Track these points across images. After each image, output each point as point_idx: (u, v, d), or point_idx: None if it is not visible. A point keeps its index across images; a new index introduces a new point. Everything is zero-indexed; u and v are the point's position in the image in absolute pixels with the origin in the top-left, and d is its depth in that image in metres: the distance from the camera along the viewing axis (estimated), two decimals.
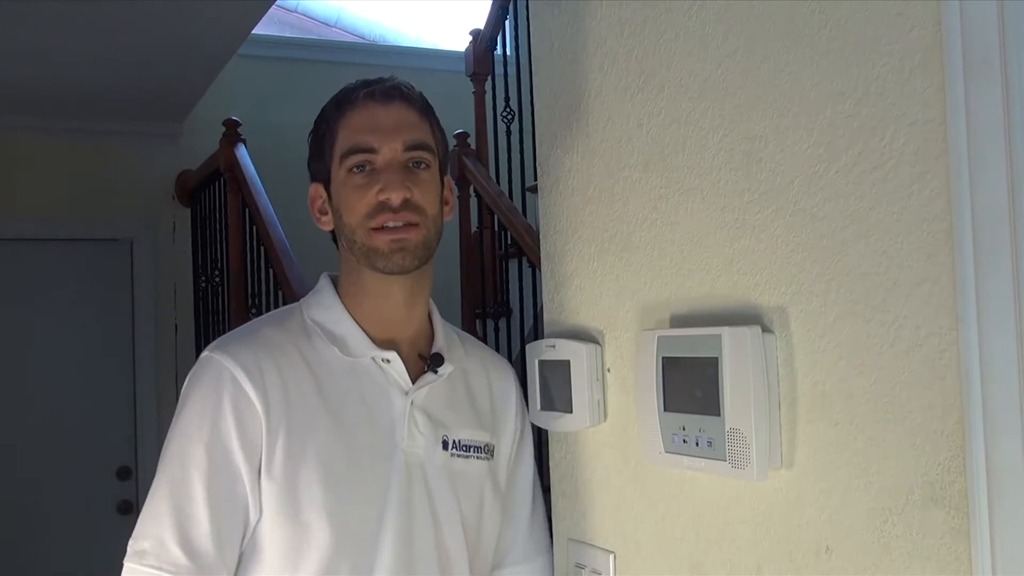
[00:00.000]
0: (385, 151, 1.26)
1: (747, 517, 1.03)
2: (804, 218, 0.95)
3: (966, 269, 0.78)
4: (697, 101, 1.09)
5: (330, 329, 1.30)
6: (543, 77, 1.39)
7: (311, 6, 5.62)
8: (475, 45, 4.09)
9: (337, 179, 1.29)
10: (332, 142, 1.29)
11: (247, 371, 1.23)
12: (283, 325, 1.32)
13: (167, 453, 1.24)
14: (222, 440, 1.21)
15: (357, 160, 1.26)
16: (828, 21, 0.92)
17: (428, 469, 1.29)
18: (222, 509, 1.21)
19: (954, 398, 0.80)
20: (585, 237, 1.30)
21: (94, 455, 4.31)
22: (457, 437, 1.33)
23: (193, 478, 1.21)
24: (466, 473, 1.33)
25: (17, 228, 4.29)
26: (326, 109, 1.32)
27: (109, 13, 3.14)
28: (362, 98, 1.29)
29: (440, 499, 1.29)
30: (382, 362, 1.29)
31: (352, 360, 1.29)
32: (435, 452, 1.30)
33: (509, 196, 3.84)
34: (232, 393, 1.22)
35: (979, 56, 0.76)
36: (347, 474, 1.24)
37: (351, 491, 1.24)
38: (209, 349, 1.28)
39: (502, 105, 3.96)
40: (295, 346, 1.28)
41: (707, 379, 1.01)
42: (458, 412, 1.35)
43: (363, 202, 1.25)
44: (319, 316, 1.32)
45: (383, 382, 1.29)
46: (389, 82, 1.31)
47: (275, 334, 1.29)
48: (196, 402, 1.24)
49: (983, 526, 0.77)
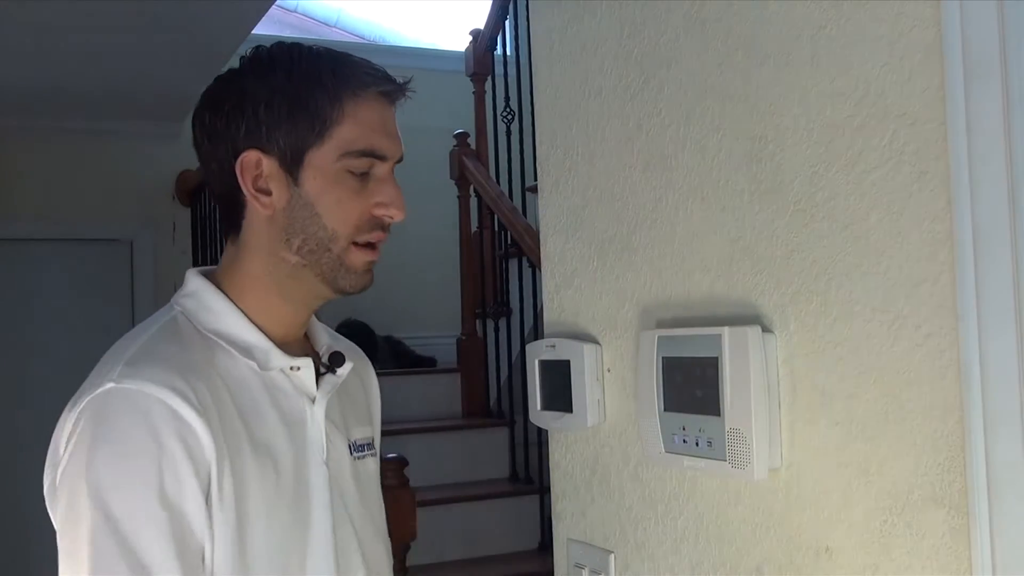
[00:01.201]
0: (391, 163, 1.11)
1: (747, 517, 1.03)
2: (804, 218, 0.95)
3: (966, 269, 0.78)
4: (697, 101, 1.09)
5: (235, 338, 1.10)
6: (543, 77, 1.39)
7: (311, 6, 5.63)
8: (475, 45, 4.09)
9: (323, 170, 1.07)
10: (330, 125, 1.07)
11: (182, 395, 1.00)
12: (178, 338, 1.08)
13: (98, 515, 0.96)
14: (176, 489, 0.99)
15: (365, 164, 1.08)
16: (828, 21, 0.92)
17: (343, 480, 1.17)
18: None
19: (954, 398, 0.81)
20: (585, 237, 1.30)
21: None
22: (355, 438, 1.22)
23: (157, 545, 0.97)
24: (366, 473, 1.23)
25: (17, 228, 4.29)
26: (323, 77, 1.08)
27: (109, 13, 3.14)
28: (379, 91, 1.11)
29: (353, 506, 1.18)
30: (291, 370, 1.12)
31: (263, 373, 1.10)
32: (347, 460, 1.19)
33: (509, 196, 3.84)
34: (171, 427, 0.99)
35: (979, 56, 0.76)
36: (281, 499, 1.08)
37: (287, 515, 1.09)
38: (113, 380, 1.01)
39: (502, 105, 3.96)
40: (206, 362, 1.07)
41: (707, 379, 1.01)
42: (349, 411, 1.23)
43: (356, 210, 1.08)
44: (212, 323, 1.10)
45: (291, 391, 1.12)
46: (399, 80, 1.13)
47: (179, 351, 1.06)
48: (122, 444, 0.99)
49: (983, 526, 0.77)
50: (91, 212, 4.40)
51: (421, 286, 4.95)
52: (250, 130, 1.08)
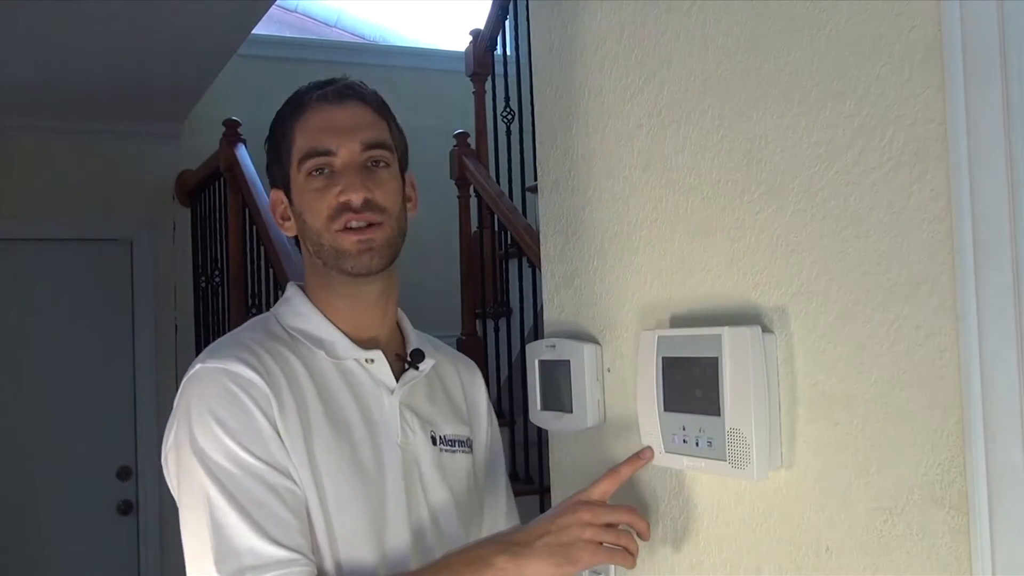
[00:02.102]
0: (343, 152, 1.25)
1: (747, 517, 1.03)
2: (804, 218, 0.95)
3: (966, 269, 0.78)
4: (697, 101, 1.09)
5: (312, 334, 1.28)
6: (543, 77, 1.39)
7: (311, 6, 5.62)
8: (475, 45, 4.08)
9: (297, 183, 1.27)
10: (289, 147, 1.28)
11: (249, 365, 1.20)
12: (266, 332, 1.28)
13: (204, 469, 1.15)
14: (258, 431, 1.17)
15: (315, 164, 1.25)
16: (828, 21, 0.92)
17: (422, 465, 1.30)
18: (292, 499, 1.16)
19: (954, 398, 0.81)
20: (585, 237, 1.30)
21: (94, 455, 4.31)
22: (443, 432, 1.34)
23: (249, 481, 1.14)
24: (454, 467, 1.34)
25: (17, 228, 4.29)
26: (281, 114, 1.31)
27: (109, 13, 3.14)
28: (315, 100, 1.28)
29: (433, 493, 1.30)
30: (366, 362, 1.28)
31: (337, 362, 1.27)
32: (427, 448, 1.31)
33: (509, 196, 3.84)
34: (242, 387, 1.18)
35: (979, 56, 0.76)
36: (352, 473, 1.23)
37: (359, 489, 1.23)
38: (199, 361, 1.22)
39: (502, 105, 3.96)
40: (285, 352, 1.25)
41: (707, 379, 1.01)
42: (439, 408, 1.35)
43: (324, 204, 1.24)
44: (296, 323, 1.29)
45: (369, 382, 1.28)
46: (341, 82, 1.30)
47: (262, 339, 1.26)
48: (210, 410, 1.17)
49: (983, 526, 0.77)
50: (91, 212, 4.39)
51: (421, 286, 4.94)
52: (269, 177, 1.35)
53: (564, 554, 1.08)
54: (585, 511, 1.09)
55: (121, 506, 4.34)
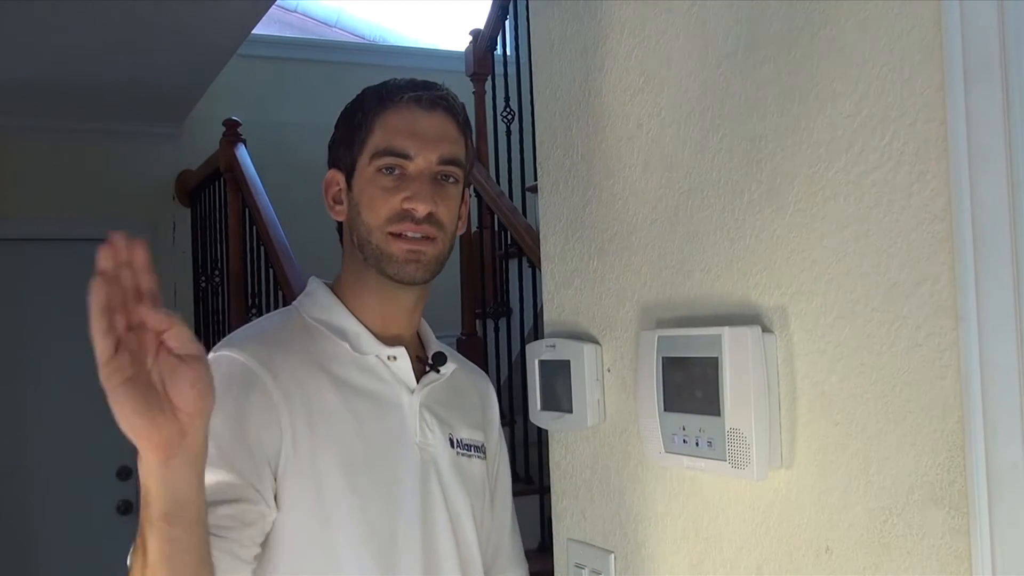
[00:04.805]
0: (420, 160, 1.25)
1: (747, 517, 1.03)
2: (804, 218, 0.95)
3: (966, 269, 0.78)
4: (697, 101, 1.09)
5: (335, 325, 1.28)
6: (543, 77, 1.39)
7: (311, 6, 5.62)
8: (475, 45, 4.09)
9: (363, 174, 1.26)
10: (366, 135, 1.26)
11: (263, 364, 1.20)
12: (287, 323, 1.30)
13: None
14: (245, 429, 1.16)
15: (389, 162, 1.24)
16: (828, 21, 0.92)
17: (440, 465, 1.30)
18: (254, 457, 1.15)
19: (954, 398, 0.80)
20: (585, 237, 1.30)
21: (94, 455, 4.31)
22: (460, 436, 1.35)
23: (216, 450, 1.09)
24: (470, 471, 1.34)
25: (17, 228, 4.29)
26: (366, 98, 1.29)
27: (109, 13, 3.14)
28: (407, 100, 1.26)
29: (453, 495, 1.30)
30: (388, 359, 1.29)
31: (359, 356, 1.27)
32: (445, 449, 1.31)
33: (509, 196, 3.84)
34: (250, 388, 1.19)
35: (979, 56, 0.76)
36: (366, 465, 1.23)
37: (371, 482, 1.23)
38: (218, 348, 1.24)
39: (502, 105, 3.96)
40: (304, 342, 1.26)
41: (707, 379, 1.01)
42: (457, 412, 1.36)
43: (387, 205, 1.24)
44: (318, 314, 1.30)
45: (389, 379, 1.29)
46: (437, 91, 1.29)
47: (282, 331, 1.28)
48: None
49: (983, 526, 0.77)
50: (91, 212, 4.39)
51: None
52: (331, 153, 1.32)
53: None
54: None
55: (121, 506, 4.34)
